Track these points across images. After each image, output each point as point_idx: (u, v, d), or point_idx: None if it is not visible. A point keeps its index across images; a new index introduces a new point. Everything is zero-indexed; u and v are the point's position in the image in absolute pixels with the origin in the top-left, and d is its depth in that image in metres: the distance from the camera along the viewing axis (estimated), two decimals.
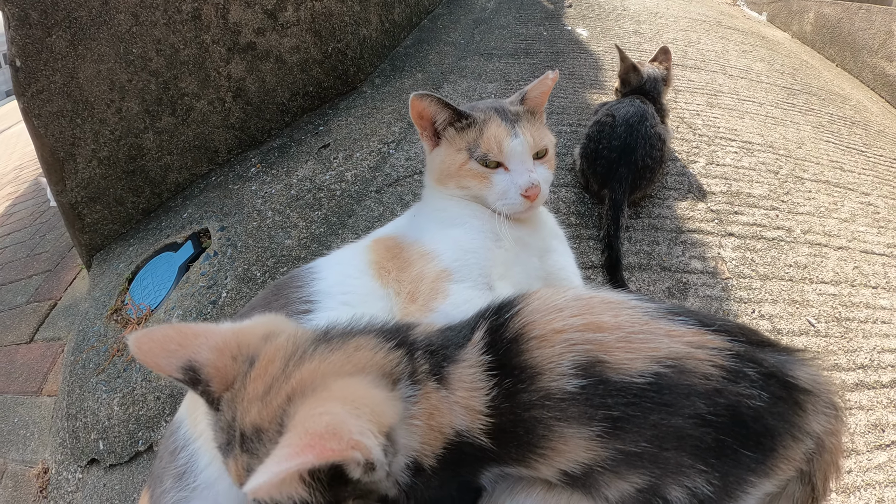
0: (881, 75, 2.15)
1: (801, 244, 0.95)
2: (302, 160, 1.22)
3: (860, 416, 0.74)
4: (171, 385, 0.87)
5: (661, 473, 0.37)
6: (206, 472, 0.49)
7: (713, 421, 0.36)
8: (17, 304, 1.68)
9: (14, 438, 1.24)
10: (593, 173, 0.95)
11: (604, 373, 0.36)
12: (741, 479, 0.37)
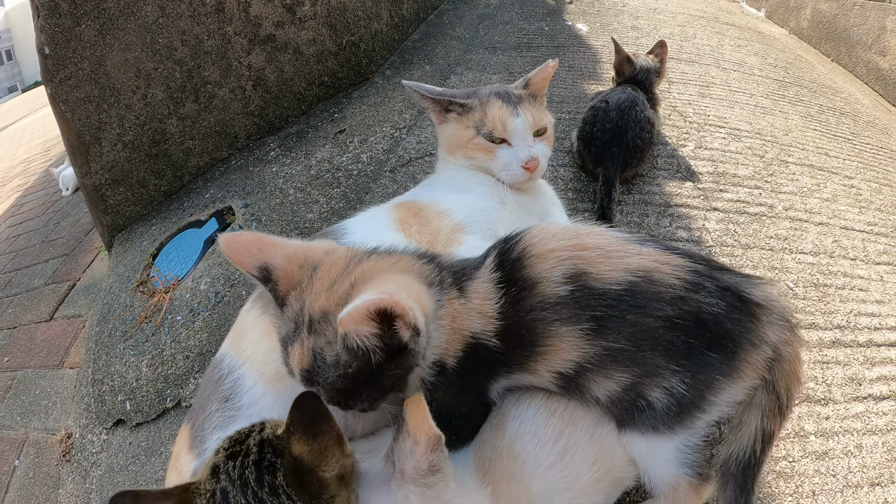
0: (874, 69, 2.28)
1: (783, 219, 1.08)
2: (319, 144, 1.35)
3: (837, 370, 0.85)
4: (200, 344, 0.99)
5: (640, 373, 0.48)
6: (250, 392, 0.59)
7: (680, 324, 0.47)
8: (34, 286, 1.79)
9: (35, 409, 1.34)
10: (588, 153, 1.08)
11: (588, 281, 0.47)
12: (711, 381, 0.48)
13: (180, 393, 0.96)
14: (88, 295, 1.55)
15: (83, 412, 1.18)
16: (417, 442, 0.41)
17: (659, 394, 0.49)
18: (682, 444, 0.51)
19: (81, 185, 1.46)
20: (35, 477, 1.18)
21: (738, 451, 0.50)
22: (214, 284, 1.04)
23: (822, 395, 0.81)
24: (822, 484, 0.70)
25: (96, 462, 1.08)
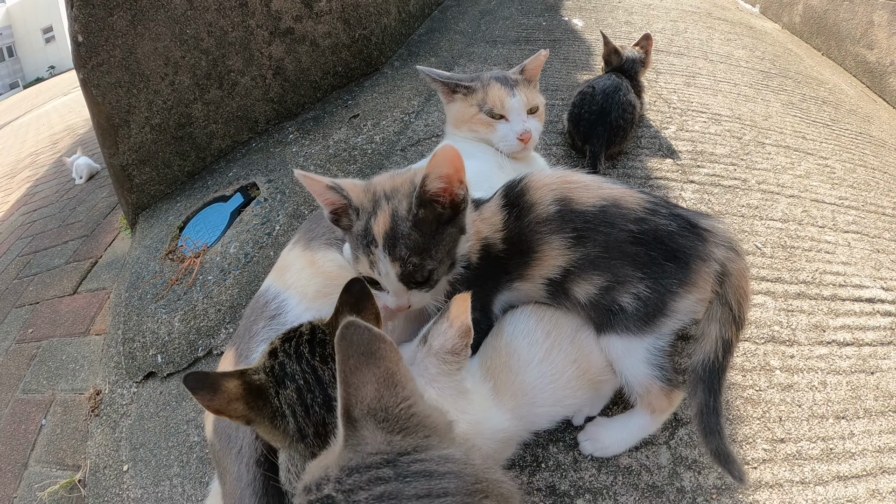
0: (862, 62, 2.47)
1: (755, 191, 1.25)
2: (335, 127, 1.52)
3: (801, 317, 1.00)
4: (231, 299, 1.15)
5: (613, 279, 0.65)
6: (294, 310, 0.75)
7: (642, 239, 0.64)
8: (54, 265, 1.95)
9: (62, 372, 1.47)
10: (577, 132, 1.26)
11: (571, 204, 0.65)
12: (670, 287, 0.64)
13: (212, 343, 1.12)
14: (111, 270, 1.71)
15: (112, 370, 1.31)
16: (452, 325, 0.57)
17: (629, 299, 0.65)
18: (652, 346, 0.66)
19: (108, 165, 1.63)
20: (63, 433, 1.31)
21: (704, 358, 0.64)
22: (244, 247, 1.21)
23: (786, 337, 0.96)
24: (788, 412, 0.84)
25: (126, 413, 1.21)
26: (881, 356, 0.96)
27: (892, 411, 0.88)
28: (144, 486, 1.02)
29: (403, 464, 0.36)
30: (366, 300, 0.56)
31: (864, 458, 0.80)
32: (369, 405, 0.38)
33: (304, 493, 0.36)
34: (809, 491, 0.74)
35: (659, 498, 0.72)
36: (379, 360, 0.39)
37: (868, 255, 1.19)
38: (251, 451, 0.64)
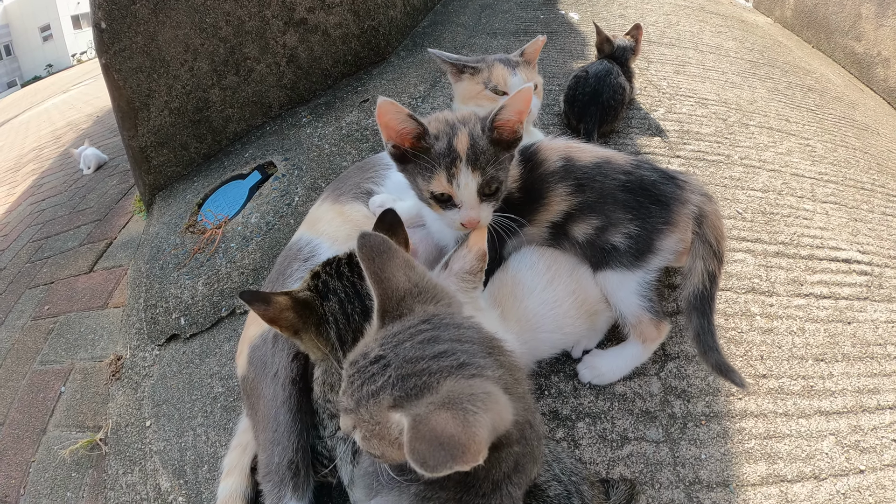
0: (851, 53, 2.64)
1: (737, 165, 1.39)
2: (347, 111, 1.66)
3: (780, 273, 1.13)
4: (254, 262, 1.27)
5: (606, 221, 0.79)
6: (326, 252, 0.87)
7: (630, 187, 0.79)
8: (68, 248, 2.06)
9: (81, 343, 1.55)
10: (571, 111, 1.40)
11: (572, 161, 0.80)
12: (656, 227, 0.78)
13: (235, 303, 1.24)
14: (127, 249, 1.82)
15: (134, 336, 1.40)
16: (471, 250, 0.69)
17: (621, 238, 0.79)
18: (642, 280, 0.80)
19: (127, 147, 1.76)
20: (83, 397, 1.38)
21: (694, 289, 0.77)
22: (265, 217, 1.33)
23: (766, 289, 1.09)
24: (769, 352, 0.96)
25: (148, 374, 1.29)
26: (857, 309, 1.09)
27: (869, 357, 0.99)
28: (168, 438, 1.11)
29: (437, 320, 0.48)
30: (397, 227, 0.68)
31: (845, 396, 0.91)
32: (403, 287, 0.50)
33: (351, 366, 0.47)
34: (793, 422, 0.86)
35: (652, 422, 0.85)
36: (396, 252, 0.52)
37: (845, 223, 1.32)
38: (286, 373, 0.76)
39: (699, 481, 0.78)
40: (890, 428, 0.88)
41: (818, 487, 0.78)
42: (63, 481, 1.20)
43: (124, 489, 1.08)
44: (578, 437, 0.82)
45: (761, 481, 0.78)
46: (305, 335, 0.63)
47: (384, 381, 0.42)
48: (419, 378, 0.41)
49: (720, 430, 0.84)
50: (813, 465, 0.81)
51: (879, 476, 0.81)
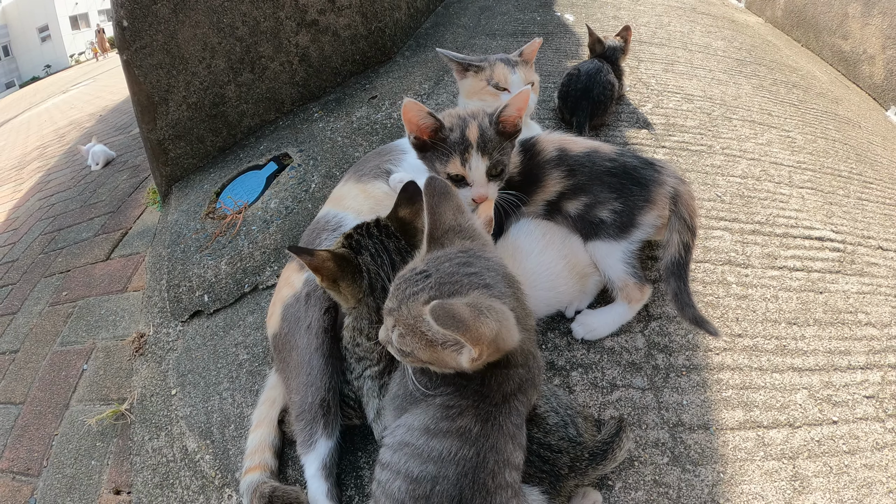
0: (838, 52, 2.82)
1: (719, 154, 1.54)
2: (356, 106, 1.81)
3: (755, 248, 1.27)
4: (276, 242, 1.40)
5: (595, 199, 0.95)
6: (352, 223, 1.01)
7: (614, 171, 0.94)
8: (82, 238, 2.18)
9: (102, 324, 1.65)
10: (565, 106, 1.55)
11: (566, 151, 0.96)
12: (637, 204, 0.94)
13: (257, 279, 1.37)
14: (143, 238, 1.95)
15: (157, 314, 1.50)
16: (480, 216, 0.84)
17: (607, 213, 0.94)
18: (626, 250, 0.95)
19: (145, 140, 1.90)
20: (106, 373, 1.46)
21: (671, 257, 0.92)
22: (284, 202, 1.47)
23: (741, 262, 1.23)
24: (744, 315, 1.10)
25: (172, 348, 1.38)
26: (829, 281, 1.23)
27: (840, 323, 1.13)
28: (193, 403, 1.20)
29: (472, 252, 0.62)
30: (417, 196, 0.83)
31: (816, 356, 1.05)
32: (449, 224, 0.65)
33: (399, 279, 0.62)
34: (767, 376, 1.00)
35: (638, 372, 0.98)
36: (452, 198, 0.66)
37: (820, 206, 1.48)
38: (319, 325, 0.89)
39: (682, 424, 0.91)
40: (861, 386, 1.01)
41: (793, 434, 0.91)
42: (87, 451, 1.29)
43: (150, 454, 1.17)
44: (572, 385, 0.96)
45: (739, 426, 0.91)
46: (343, 283, 0.77)
47: (424, 286, 0.56)
48: (452, 286, 0.55)
49: (699, 381, 0.98)
50: (787, 415, 0.94)
51: (852, 427, 0.93)
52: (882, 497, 0.85)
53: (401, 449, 0.60)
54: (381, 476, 0.61)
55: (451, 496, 0.55)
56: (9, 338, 1.82)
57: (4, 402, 1.57)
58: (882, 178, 1.76)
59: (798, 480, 0.85)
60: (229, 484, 1.00)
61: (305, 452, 0.85)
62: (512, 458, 0.60)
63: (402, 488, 0.57)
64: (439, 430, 0.58)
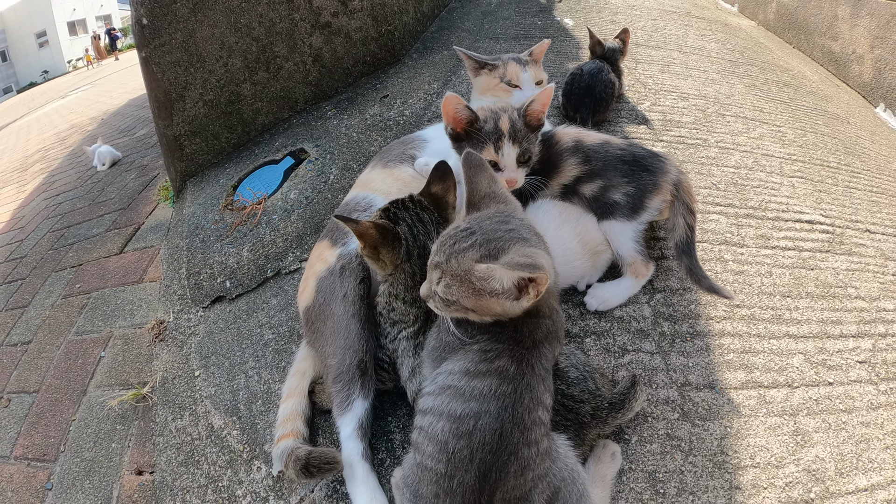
0: (828, 52, 2.98)
1: (713, 147, 1.66)
2: (369, 105, 1.92)
3: (749, 230, 1.38)
4: (297, 230, 1.49)
5: (608, 183, 1.06)
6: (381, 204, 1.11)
7: (626, 159, 1.07)
8: (93, 234, 2.23)
9: (119, 313, 1.69)
10: (569, 103, 1.67)
11: (582, 142, 1.08)
12: (646, 188, 1.06)
13: (280, 265, 1.45)
14: (157, 232, 2.01)
15: (177, 301, 1.55)
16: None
17: (620, 195, 1.06)
18: (635, 229, 1.07)
19: (161, 135, 1.98)
20: (125, 359, 1.50)
21: (679, 238, 1.06)
22: (303, 192, 1.56)
23: (737, 242, 1.34)
24: (741, 288, 1.19)
25: (194, 332, 1.43)
26: (819, 259, 1.34)
27: (831, 296, 1.23)
28: (218, 383, 1.24)
29: (507, 213, 0.72)
30: (448, 175, 0.92)
31: (810, 325, 1.15)
32: (484, 191, 0.75)
33: (443, 237, 0.71)
34: (765, 342, 1.10)
35: (646, 338, 1.08)
36: (486, 169, 0.77)
37: (810, 193, 1.60)
38: (355, 293, 0.97)
39: (689, 384, 1.00)
40: (853, 352, 1.11)
41: (792, 393, 1.00)
42: (107, 434, 1.32)
43: (174, 433, 1.21)
44: (586, 350, 1.05)
45: (742, 385, 1.01)
46: (383, 250, 0.86)
47: (471, 242, 0.66)
48: (495, 241, 0.65)
49: (703, 345, 1.07)
50: (786, 376, 1.03)
51: (847, 389, 1.03)
52: (880, 452, 0.93)
53: (443, 392, 0.67)
54: (422, 422, 0.68)
55: (492, 429, 0.63)
56: (20, 330, 1.86)
57: (17, 392, 1.61)
58: (869, 168, 1.90)
59: (800, 435, 0.94)
60: (258, 456, 1.05)
61: (342, 413, 0.91)
62: (543, 398, 0.69)
63: (446, 428, 0.64)
64: (479, 372, 0.67)
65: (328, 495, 0.92)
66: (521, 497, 0.64)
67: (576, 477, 0.70)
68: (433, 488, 0.65)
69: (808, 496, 0.85)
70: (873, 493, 0.87)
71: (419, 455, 0.68)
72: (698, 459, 0.89)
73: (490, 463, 0.62)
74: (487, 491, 0.62)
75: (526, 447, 0.64)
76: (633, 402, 0.85)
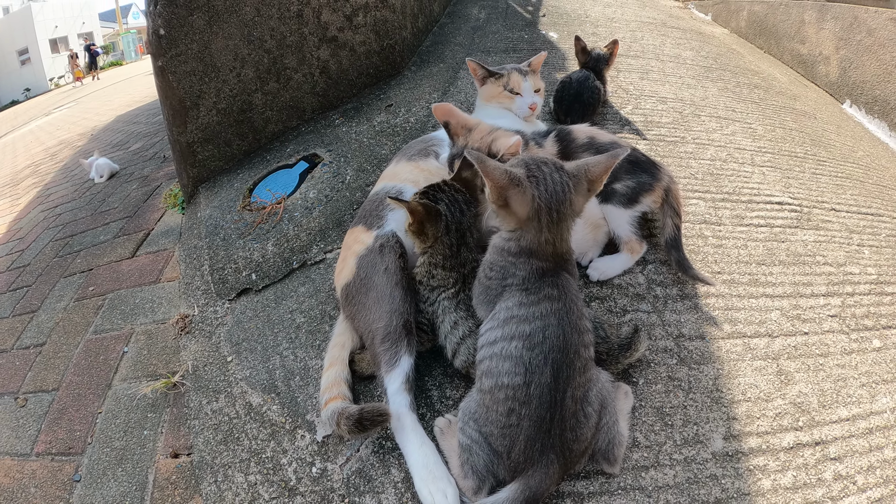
0: (797, 55, 3.30)
1: (690, 144, 1.91)
2: (375, 113, 2.12)
3: (725, 211, 1.60)
4: (320, 225, 1.64)
5: (613, 176, 1.26)
6: (411, 193, 1.29)
7: (630, 159, 1.29)
8: (100, 241, 2.30)
9: (139, 311, 1.75)
10: (560, 108, 1.91)
11: (594, 139, 1.29)
12: (642, 186, 1.28)
13: (305, 256, 1.59)
14: (169, 236, 2.12)
15: (200, 296, 1.62)
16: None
17: (621, 186, 1.27)
18: (631, 215, 1.28)
19: (175, 142, 2.12)
20: (150, 353, 1.56)
21: (668, 235, 1.28)
22: (322, 192, 1.73)
23: (715, 221, 1.56)
24: (721, 258, 1.40)
25: (221, 323, 1.50)
26: (790, 233, 1.56)
27: (801, 263, 1.45)
28: (252, 365, 1.32)
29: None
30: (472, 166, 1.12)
31: (784, 287, 1.36)
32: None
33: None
34: (744, 301, 1.30)
35: (643, 300, 1.27)
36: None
37: (779, 180, 1.85)
38: (395, 266, 1.11)
39: (683, 335, 1.19)
40: (824, 308, 1.32)
41: (772, 342, 1.20)
42: (138, 422, 1.37)
43: (210, 415, 1.27)
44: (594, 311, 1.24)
45: (728, 336, 1.20)
46: (428, 224, 1.03)
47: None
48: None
49: (692, 305, 1.27)
50: (766, 328, 1.23)
51: (821, 337, 1.23)
52: (857, 389, 1.13)
53: (507, 323, 0.83)
54: (492, 350, 0.83)
55: (557, 335, 0.80)
56: (32, 333, 1.91)
57: (34, 391, 1.65)
58: (834, 157, 2.18)
59: (783, 375, 1.13)
60: (300, 426, 1.13)
61: (390, 370, 1.02)
62: (583, 310, 0.86)
63: (519, 345, 0.80)
64: (531, 301, 0.83)
65: (374, 451, 1.03)
66: (584, 397, 0.82)
67: (614, 398, 0.87)
68: (506, 406, 0.80)
69: (796, 424, 1.04)
70: (855, 422, 1.06)
71: (490, 381, 0.83)
72: (698, 396, 1.07)
73: (560, 361, 0.79)
74: (561, 388, 0.79)
75: (584, 348, 0.82)
76: (638, 345, 1.04)
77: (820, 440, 1.01)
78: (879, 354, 1.23)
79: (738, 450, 0.97)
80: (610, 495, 0.89)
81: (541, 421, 0.79)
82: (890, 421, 1.07)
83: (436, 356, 1.14)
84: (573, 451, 0.81)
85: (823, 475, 0.95)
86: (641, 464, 0.94)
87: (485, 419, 0.84)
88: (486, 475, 0.84)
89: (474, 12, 3.47)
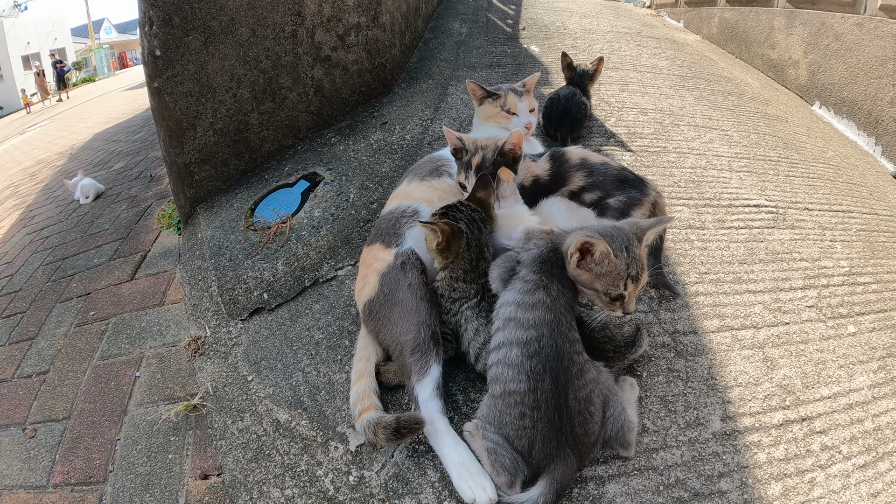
0: (767, 60, 3.51)
1: (672, 153, 2.09)
2: (371, 131, 2.22)
3: (708, 216, 1.77)
4: (329, 243, 1.73)
5: (605, 193, 1.43)
6: (426, 211, 1.38)
7: (620, 178, 1.45)
8: (94, 264, 2.30)
9: (146, 335, 1.77)
10: (550, 123, 2.06)
11: (587, 160, 1.44)
12: (633, 202, 1.42)
13: (317, 274, 1.68)
14: (168, 258, 2.15)
15: (211, 318, 1.66)
16: (506, 181, 1.26)
17: (613, 201, 1.41)
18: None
19: (172, 163, 2.17)
20: (164, 376, 1.57)
21: (651, 244, 1.39)
22: (327, 210, 1.81)
23: (699, 226, 1.73)
24: (706, 259, 1.56)
25: (236, 343, 1.54)
26: (767, 233, 1.75)
27: (779, 260, 1.62)
28: (275, 383, 1.37)
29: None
30: (489, 185, 1.22)
31: (765, 282, 1.52)
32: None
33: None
34: (730, 297, 1.45)
35: (639, 302, 1.40)
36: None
37: (756, 183, 2.05)
38: (419, 282, 1.21)
39: (678, 331, 1.34)
40: (802, 300, 1.48)
41: (757, 332, 1.35)
42: (161, 447, 1.38)
43: (236, 434, 1.30)
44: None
45: (718, 329, 1.35)
46: (452, 240, 1.14)
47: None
48: None
49: (683, 303, 1.42)
50: (750, 321, 1.38)
51: (801, 326, 1.39)
52: (836, 370, 1.28)
53: (507, 326, 0.95)
54: (498, 356, 0.95)
55: (550, 345, 0.91)
56: (32, 361, 1.90)
57: (43, 421, 1.64)
58: (806, 159, 2.40)
59: (769, 361, 1.28)
60: (332, 438, 1.19)
61: (420, 379, 1.09)
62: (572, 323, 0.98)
63: (519, 353, 0.92)
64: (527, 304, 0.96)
65: (409, 456, 1.10)
66: (586, 398, 0.93)
67: (616, 392, 1.00)
68: (517, 410, 0.92)
69: (784, 404, 1.18)
70: (836, 399, 1.21)
71: (499, 387, 0.94)
72: (695, 384, 1.21)
73: (557, 369, 0.91)
74: (562, 392, 0.90)
75: (577, 354, 0.94)
76: (642, 340, 1.18)
77: (806, 416, 1.16)
78: (854, 339, 1.40)
79: (734, 429, 1.11)
80: (627, 476, 1.01)
81: (552, 422, 0.91)
82: (868, 397, 1.23)
83: (457, 363, 1.24)
84: (585, 444, 0.94)
85: (811, 447, 1.09)
86: (652, 447, 1.07)
87: (500, 423, 0.95)
88: (516, 471, 0.95)
89: (456, 27, 3.63)
